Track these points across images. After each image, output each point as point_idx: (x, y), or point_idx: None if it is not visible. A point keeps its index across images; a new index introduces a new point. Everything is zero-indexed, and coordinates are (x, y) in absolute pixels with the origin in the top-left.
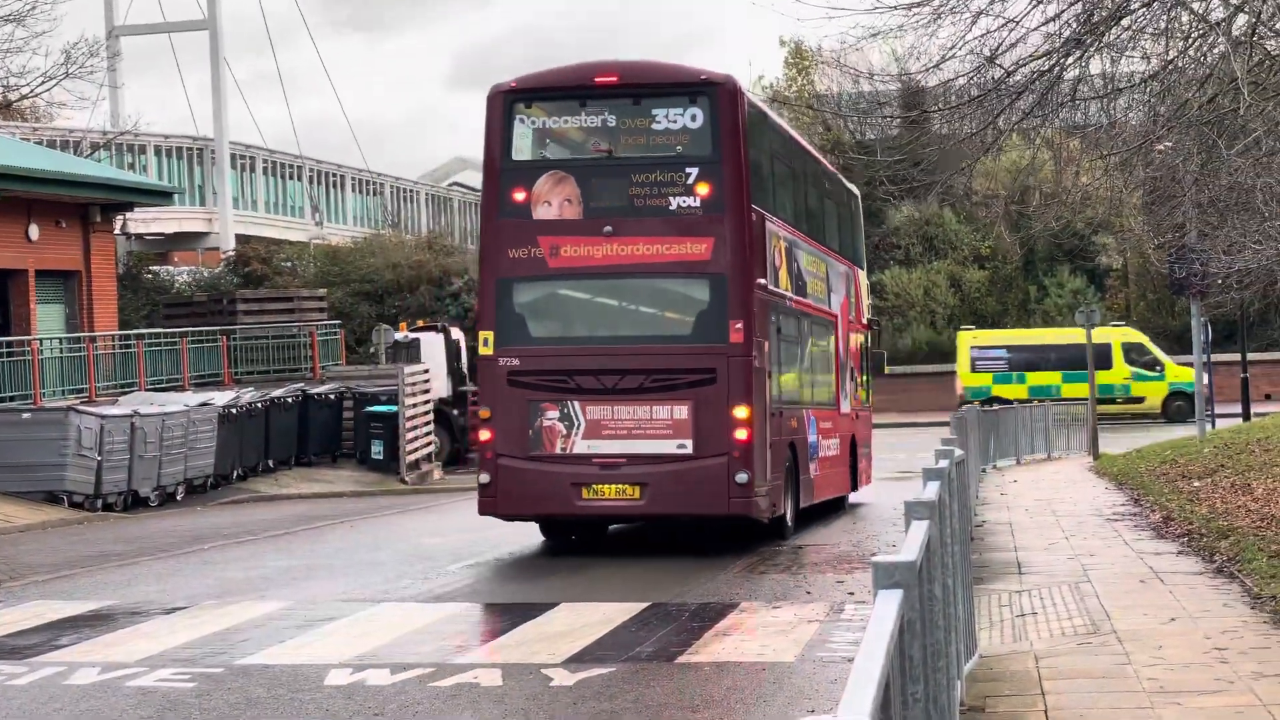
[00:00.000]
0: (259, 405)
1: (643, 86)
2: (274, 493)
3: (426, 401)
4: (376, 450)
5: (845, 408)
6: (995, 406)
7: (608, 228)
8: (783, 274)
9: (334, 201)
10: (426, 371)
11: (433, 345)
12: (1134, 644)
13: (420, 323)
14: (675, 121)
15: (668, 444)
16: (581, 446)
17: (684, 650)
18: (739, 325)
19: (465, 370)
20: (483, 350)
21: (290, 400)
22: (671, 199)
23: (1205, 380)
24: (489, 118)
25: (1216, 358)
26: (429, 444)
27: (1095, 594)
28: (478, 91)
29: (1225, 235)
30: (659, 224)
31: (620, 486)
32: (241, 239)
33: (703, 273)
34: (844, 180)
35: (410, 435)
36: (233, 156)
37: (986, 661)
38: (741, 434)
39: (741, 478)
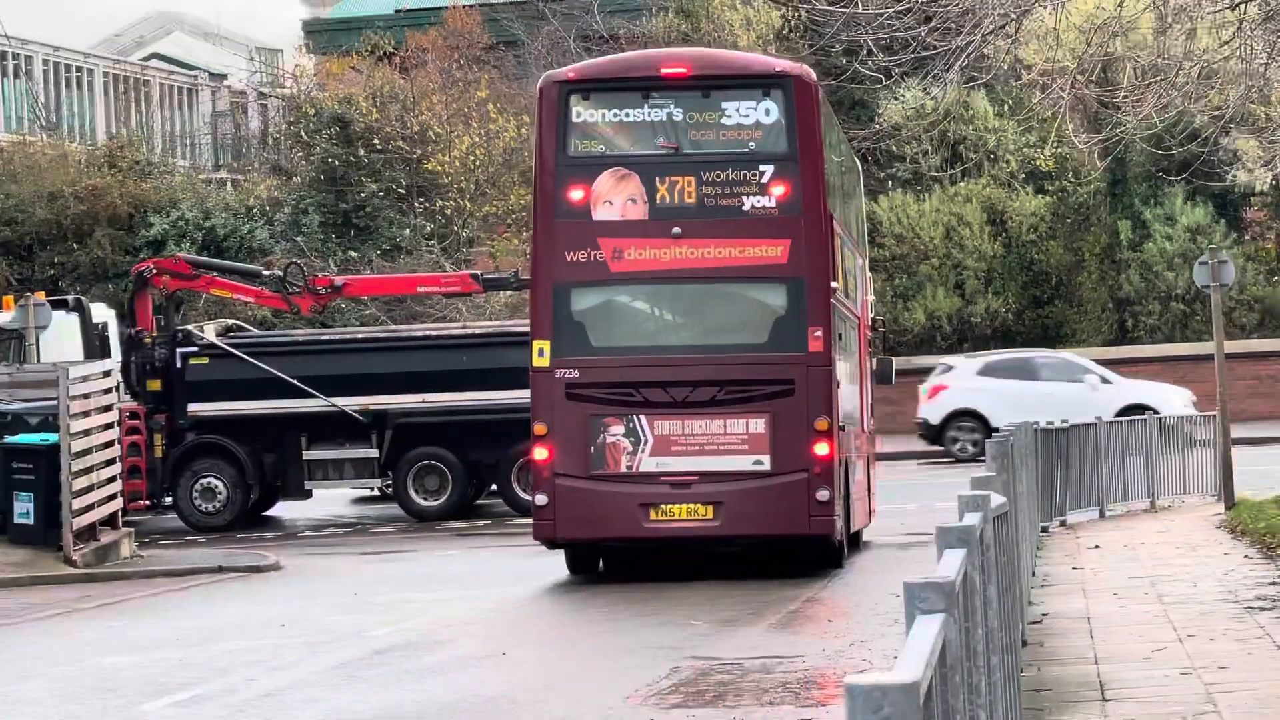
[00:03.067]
0: None
1: (713, 78)
2: None
3: (109, 426)
4: (22, 510)
5: (866, 425)
6: (1064, 422)
7: (676, 229)
8: (839, 276)
9: None
10: (109, 375)
11: (62, 331)
12: None
13: (39, 295)
14: (747, 116)
15: (743, 460)
16: (649, 464)
17: None
18: (818, 333)
19: (121, 374)
20: (537, 361)
21: None
22: (745, 198)
23: None
24: (542, 110)
25: None
26: (114, 497)
27: None
28: None
29: None
30: (731, 225)
31: (692, 506)
32: None
33: (779, 277)
34: (851, 150)
35: (81, 484)
36: None
37: None
38: (822, 449)
39: (823, 495)
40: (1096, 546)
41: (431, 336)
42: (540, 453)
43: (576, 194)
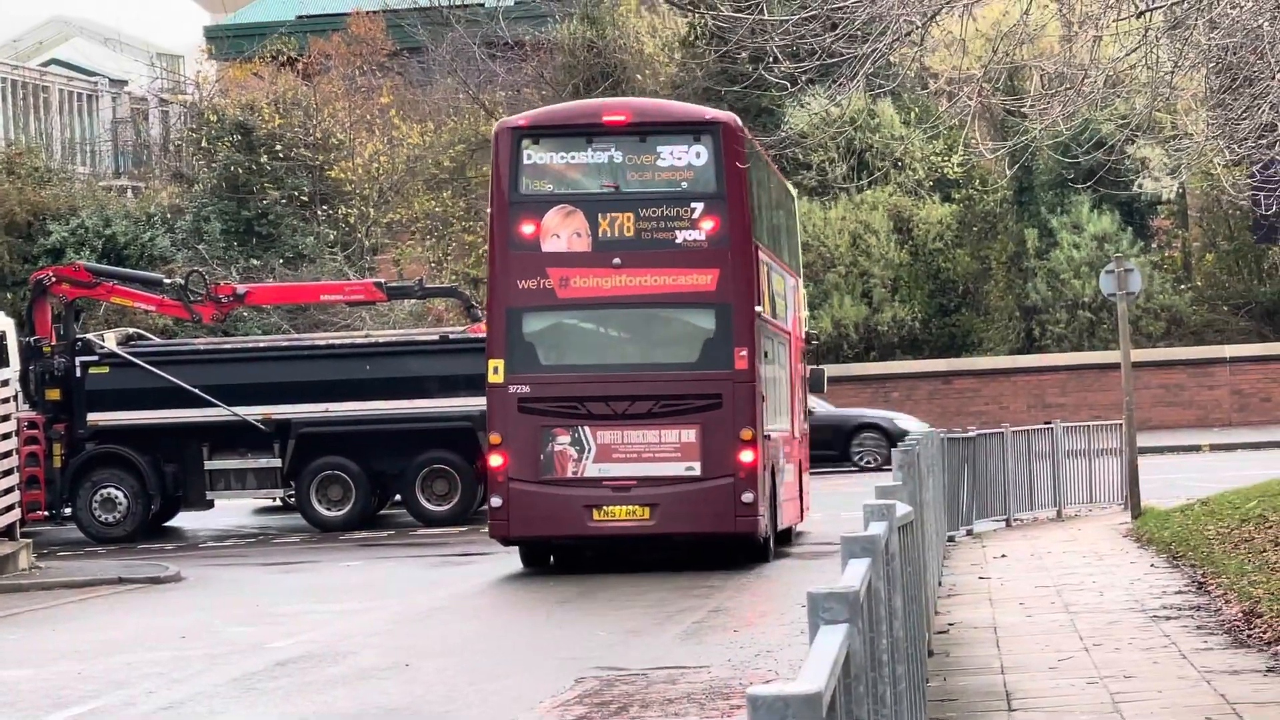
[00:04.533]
0: None
1: (649, 125)
2: None
3: (6, 436)
4: None
5: (797, 431)
6: (972, 432)
7: (616, 259)
8: (766, 299)
9: None
10: (7, 384)
11: None
12: None
13: None
14: (680, 158)
15: (676, 466)
16: (593, 470)
17: None
18: (743, 353)
19: (20, 383)
20: (492, 378)
21: None
22: (678, 232)
23: None
24: (497, 153)
25: None
26: (12, 508)
27: None
28: None
29: None
30: (666, 256)
31: (631, 508)
32: None
33: (708, 303)
34: (785, 182)
35: None
36: None
37: None
38: (747, 456)
39: (747, 497)
40: (1003, 555)
41: (334, 345)
42: (495, 459)
43: (528, 228)
